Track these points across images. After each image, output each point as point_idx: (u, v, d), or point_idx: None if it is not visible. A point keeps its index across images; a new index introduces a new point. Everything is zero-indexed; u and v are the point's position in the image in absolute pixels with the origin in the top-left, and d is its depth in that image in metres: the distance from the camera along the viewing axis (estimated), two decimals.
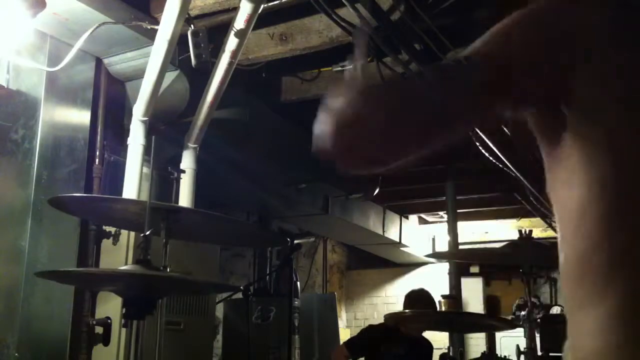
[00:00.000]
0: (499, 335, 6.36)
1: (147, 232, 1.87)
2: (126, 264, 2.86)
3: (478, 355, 3.75)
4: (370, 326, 4.52)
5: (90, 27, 2.76)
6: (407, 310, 4.04)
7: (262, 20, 2.92)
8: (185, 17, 2.72)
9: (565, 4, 0.86)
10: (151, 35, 2.87)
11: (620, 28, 0.83)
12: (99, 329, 2.93)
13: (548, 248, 2.73)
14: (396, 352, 3.98)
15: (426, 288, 4.32)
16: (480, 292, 7.69)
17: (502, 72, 0.83)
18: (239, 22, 2.74)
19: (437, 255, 6.61)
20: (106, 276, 2.17)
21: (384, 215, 6.66)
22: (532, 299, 2.86)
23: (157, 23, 2.84)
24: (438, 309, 3.99)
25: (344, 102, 0.86)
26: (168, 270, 2.04)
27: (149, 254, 1.91)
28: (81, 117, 3.07)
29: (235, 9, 2.77)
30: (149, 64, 2.84)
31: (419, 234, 7.70)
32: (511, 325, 3.76)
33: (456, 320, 3.49)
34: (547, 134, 0.86)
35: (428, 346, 4.20)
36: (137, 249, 2.85)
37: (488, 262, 6.98)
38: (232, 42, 2.83)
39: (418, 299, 4.10)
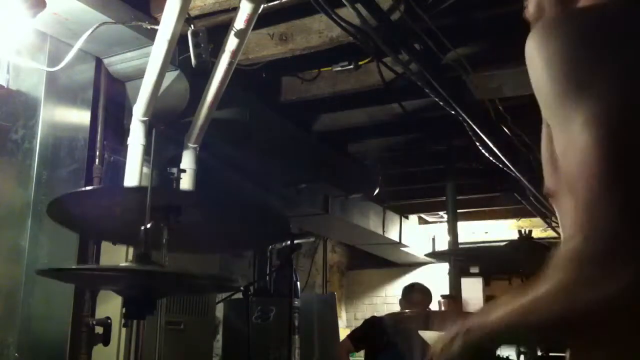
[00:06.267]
0: None
1: (148, 225, 1.85)
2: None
3: None
4: (373, 318, 4.53)
5: (90, 27, 2.76)
6: (407, 311, 4.04)
7: (262, 20, 2.92)
8: (185, 17, 2.72)
9: None
10: (151, 35, 2.86)
11: None
12: (99, 329, 2.93)
13: (548, 248, 2.73)
14: (397, 346, 3.98)
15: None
16: (480, 292, 7.69)
17: None
18: (239, 22, 2.74)
19: (437, 255, 6.61)
20: (106, 274, 2.17)
21: (384, 215, 6.66)
22: None
23: (157, 23, 2.84)
24: (438, 309, 3.99)
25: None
26: None
27: (149, 251, 1.90)
28: (81, 117, 3.07)
29: (235, 9, 2.77)
30: (149, 64, 2.84)
31: (419, 234, 7.70)
32: None
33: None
34: None
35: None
36: (137, 247, 2.85)
37: (488, 262, 6.98)
38: (232, 42, 2.83)
39: (416, 290, 4.14)
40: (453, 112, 3.67)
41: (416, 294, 4.17)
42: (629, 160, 0.76)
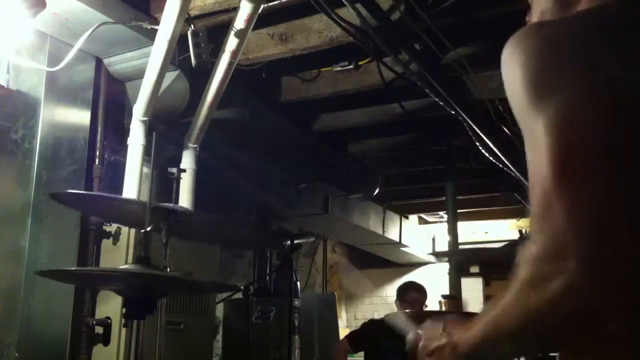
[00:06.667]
0: None
1: (148, 229, 1.86)
2: (126, 263, 2.86)
3: None
4: (372, 320, 4.53)
5: (90, 27, 2.76)
6: (407, 311, 4.05)
7: (262, 20, 2.92)
8: (185, 17, 2.72)
9: None
10: (151, 35, 2.86)
11: None
12: (99, 329, 2.93)
13: None
14: (397, 348, 3.98)
15: (426, 288, 4.34)
16: (480, 292, 7.69)
17: None
18: (239, 22, 2.74)
19: (438, 254, 6.61)
20: (107, 275, 2.17)
21: (384, 215, 6.66)
22: None
23: (157, 23, 2.84)
24: (438, 309, 4.00)
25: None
26: (168, 270, 2.04)
27: (149, 252, 1.91)
28: (81, 117, 3.07)
29: (235, 9, 2.77)
30: (149, 64, 2.84)
31: (419, 234, 7.70)
32: None
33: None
34: None
35: None
36: (137, 247, 2.85)
37: (488, 262, 7.00)
38: (232, 42, 2.83)
39: (409, 289, 4.15)
40: (453, 112, 3.67)
41: (410, 293, 4.18)
42: (580, 169, 0.78)
